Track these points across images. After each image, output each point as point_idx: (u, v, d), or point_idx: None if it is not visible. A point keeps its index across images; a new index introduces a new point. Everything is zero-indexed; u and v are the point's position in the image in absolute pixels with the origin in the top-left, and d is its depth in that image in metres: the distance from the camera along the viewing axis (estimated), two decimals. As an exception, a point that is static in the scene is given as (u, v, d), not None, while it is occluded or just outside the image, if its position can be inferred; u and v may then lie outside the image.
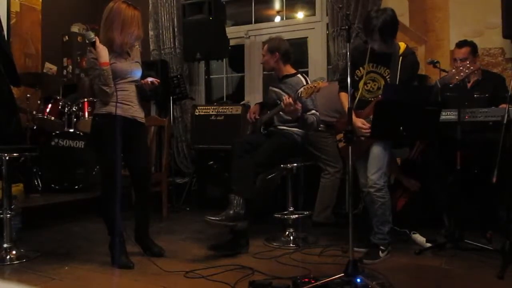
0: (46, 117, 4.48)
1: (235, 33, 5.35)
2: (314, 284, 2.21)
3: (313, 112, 3.26)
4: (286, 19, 5.29)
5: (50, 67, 5.51)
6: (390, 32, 2.74)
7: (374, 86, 2.93)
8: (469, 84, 3.47)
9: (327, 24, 4.61)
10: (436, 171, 3.39)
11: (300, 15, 5.33)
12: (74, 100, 4.78)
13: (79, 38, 5.66)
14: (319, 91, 3.00)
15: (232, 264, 2.69)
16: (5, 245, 2.89)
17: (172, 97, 5.00)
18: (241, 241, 3.03)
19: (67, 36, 5.62)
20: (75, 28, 5.69)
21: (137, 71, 2.87)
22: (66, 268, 2.72)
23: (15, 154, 3.04)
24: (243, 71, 5.42)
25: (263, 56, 3.49)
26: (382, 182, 2.83)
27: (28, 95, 4.54)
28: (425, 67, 3.97)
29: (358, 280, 2.15)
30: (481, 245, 2.89)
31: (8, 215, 2.94)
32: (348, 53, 2.36)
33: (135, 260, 2.75)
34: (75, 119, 4.53)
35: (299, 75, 3.39)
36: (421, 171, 3.57)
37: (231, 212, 2.90)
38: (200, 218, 3.91)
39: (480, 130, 3.12)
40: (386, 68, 2.87)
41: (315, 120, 3.26)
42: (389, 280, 2.36)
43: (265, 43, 3.51)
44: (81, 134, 4.49)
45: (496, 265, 2.55)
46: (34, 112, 4.49)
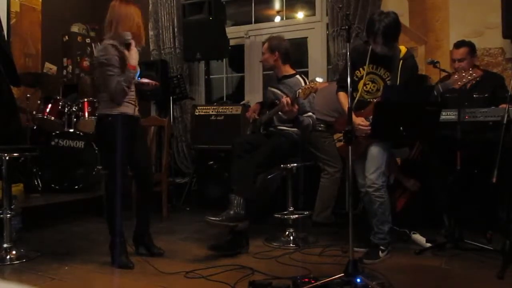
0: (46, 117, 4.48)
1: (235, 33, 5.34)
2: (314, 284, 2.21)
3: (309, 114, 3.27)
4: (286, 19, 5.28)
5: (50, 67, 5.51)
6: (392, 35, 2.76)
7: (374, 87, 2.93)
8: (468, 85, 3.46)
9: (327, 24, 4.61)
10: (436, 171, 3.39)
11: (300, 15, 5.33)
12: (75, 100, 4.79)
13: (79, 38, 5.66)
14: (317, 91, 3.01)
15: (232, 264, 2.69)
16: (5, 245, 2.89)
17: (172, 97, 5.01)
18: (241, 241, 3.03)
19: (67, 36, 5.62)
20: (75, 28, 5.69)
21: (139, 70, 2.88)
22: (66, 268, 2.72)
23: (15, 154, 3.04)
24: (243, 71, 5.41)
25: (262, 54, 3.49)
26: (380, 181, 2.83)
27: (28, 95, 4.54)
28: (425, 67, 3.97)
29: (358, 280, 2.15)
30: (481, 245, 2.89)
31: (8, 215, 2.94)
32: (348, 53, 2.36)
33: (135, 260, 2.75)
34: (75, 119, 4.54)
35: (297, 76, 3.38)
36: (421, 171, 3.57)
37: (232, 212, 2.90)
38: (200, 218, 3.91)
39: (480, 130, 3.12)
40: (386, 70, 2.88)
41: (311, 122, 3.27)
42: (389, 280, 2.36)
43: (265, 41, 3.51)
44: (81, 134, 4.49)
45: (496, 265, 2.54)
46: (34, 112, 4.50)
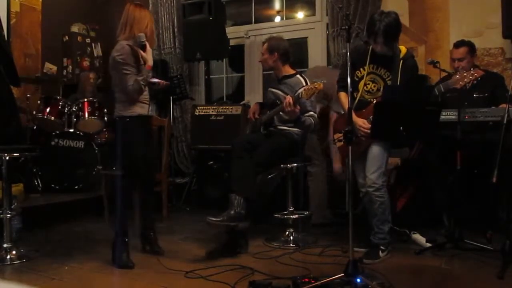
0: (46, 117, 4.47)
1: (235, 33, 5.34)
2: (314, 284, 2.21)
3: (311, 113, 3.27)
4: (286, 19, 5.28)
5: (50, 67, 5.51)
6: (393, 35, 2.76)
7: (374, 87, 2.94)
8: (469, 84, 3.46)
9: (327, 24, 4.61)
10: (436, 171, 3.39)
11: (300, 15, 5.32)
12: (75, 100, 4.79)
13: (79, 38, 5.66)
14: (319, 92, 3.02)
15: (232, 264, 2.69)
16: (5, 245, 2.89)
17: (172, 97, 5.00)
18: (240, 241, 3.03)
19: (67, 36, 5.62)
20: (75, 28, 5.69)
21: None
22: (66, 268, 2.72)
23: (15, 154, 3.04)
24: (243, 71, 5.41)
25: (262, 54, 3.49)
26: (380, 181, 2.83)
27: (28, 95, 4.54)
28: (425, 67, 3.97)
29: (358, 280, 2.15)
30: (481, 245, 2.89)
31: (8, 215, 2.94)
32: (348, 53, 2.36)
33: (135, 260, 2.75)
34: (75, 119, 4.53)
35: (298, 76, 3.39)
36: (421, 171, 3.57)
37: (232, 212, 2.90)
38: (200, 218, 3.91)
39: (480, 130, 3.12)
40: (386, 71, 2.89)
41: (313, 122, 3.28)
42: (389, 280, 2.36)
43: (264, 42, 3.51)
44: (81, 134, 4.49)
45: (496, 265, 2.55)
46: (34, 112, 4.50)
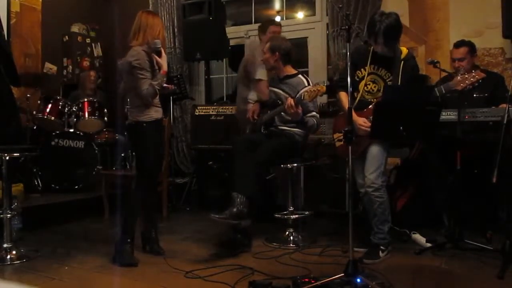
0: (46, 117, 4.47)
1: (235, 33, 5.34)
2: (314, 284, 2.21)
3: (313, 114, 3.28)
4: (286, 19, 5.28)
5: (50, 67, 5.51)
6: (394, 36, 2.77)
7: (374, 88, 2.94)
8: (470, 86, 3.46)
9: (327, 24, 4.61)
10: (436, 171, 3.39)
11: (300, 15, 5.33)
12: (76, 99, 4.80)
13: (79, 38, 5.66)
14: (322, 95, 3.03)
15: (232, 264, 2.69)
16: (5, 245, 2.89)
17: (172, 97, 5.00)
18: (244, 240, 3.03)
19: (67, 36, 5.62)
20: (75, 28, 5.69)
21: None
22: (66, 268, 2.72)
23: (15, 154, 3.04)
24: (243, 71, 5.41)
25: (263, 53, 3.49)
26: (380, 181, 2.83)
27: (28, 95, 4.54)
28: (425, 67, 3.97)
29: (358, 280, 2.15)
30: (481, 245, 2.89)
31: (8, 215, 2.94)
32: (348, 53, 2.37)
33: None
34: (75, 119, 4.53)
35: (300, 76, 3.39)
36: (421, 171, 3.57)
37: (235, 210, 2.89)
38: (200, 218, 3.92)
39: (480, 130, 3.12)
40: (387, 71, 2.89)
41: (315, 122, 3.29)
42: (389, 280, 2.36)
43: (267, 41, 3.51)
44: (81, 134, 4.50)
45: (496, 265, 2.55)
46: (34, 112, 4.49)
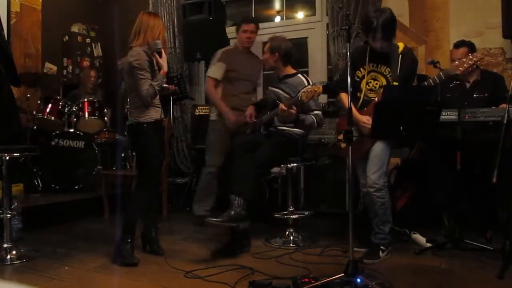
0: (46, 117, 4.47)
1: (235, 33, 5.33)
2: (314, 284, 2.21)
3: (315, 113, 3.28)
4: (286, 19, 5.28)
5: (50, 67, 5.51)
6: (391, 30, 2.80)
7: (376, 85, 2.95)
8: (468, 84, 3.47)
9: (327, 24, 4.61)
10: (436, 171, 3.39)
11: (300, 15, 5.33)
12: (75, 97, 4.80)
13: (79, 38, 5.67)
14: (319, 95, 3.03)
15: (232, 264, 2.69)
16: (5, 245, 2.89)
17: (172, 97, 4.99)
18: (242, 241, 3.03)
19: (67, 36, 5.63)
20: (75, 28, 5.69)
21: None
22: (66, 268, 2.72)
23: (15, 154, 3.04)
24: (243, 71, 5.40)
25: (263, 53, 3.49)
26: (381, 182, 2.83)
27: (28, 95, 4.54)
28: (425, 67, 3.97)
29: (358, 280, 2.15)
30: (481, 245, 2.89)
31: (8, 215, 2.94)
32: (348, 53, 2.37)
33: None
34: (75, 119, 4.54)
35: (299, 75, 3.39)
36: (421, 171, 3.57)
37: (233, 212, 2.90)
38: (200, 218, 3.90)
39: (480, 130, 3.12)
40: (386, 67, 2.91)
41: (315, 120, 3.27)
42: (389, 280, 2.36)
43: (268, 41, 3.51)
44: (81, 134, 4.50)
45: (496, 265, 2.55)
46: (34, 112, 4.49)
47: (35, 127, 4.57)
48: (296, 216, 3.35)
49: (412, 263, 2.79)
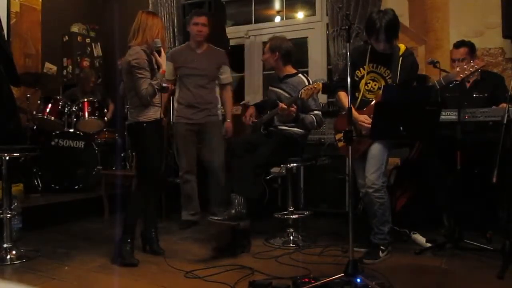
0: (46, 117, 4.48)
1: (235, 33, 5.34)
2: (314, 284, 2.21)
3: (315, 112, 3.28)
4: (286, 19, 5.29)
5: (50, 67, 5.51)
6: (394, 31, 2.79)
7: (375, 86, 2.94)
8: (468, 84, 3.48)
9: (327, 24, 4.62)
10: (436, 171, 3.39)
11: (300, 15, 5.33)
12: (71, 96, 4.79)
13: (79, 38, 5.67)
14: (319, 92, 3.03)
15: (232, 264, 2.69)
16: (5, 245, 2.88)
17: (172, 97, 4.99)
18: (243, 240, 3.03)
19: (67, 36, 5.63)
20: (75, 28, 5.70)
21: None
22: (66, 268, 2.72)
23: (15, 154, 3.04)
24: (243, 71, 5.41)
25: (263, 53, 3.49)
26: (380, 182, 2.82)
27: (28, 95, 4.54)
28: (425, 67, 3.97)
29: (358, 280, 2.14)
30: (481, 245, 2.89)
31: (8, 215, 2.94)
32: (348, 53, 2.37)
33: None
34: (75, 119, 4.54)
35: (300, 75, 3.39)
36: (421, 171, 3.57)
37: (233, 211, 2.90)
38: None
39: (480, 130, 3.12)
40: (386, 69, 2.89)
41: (315, 119, 3.27)
42: (389, 280, 2.35)
43: (268, 41, 3.52)
44: (81, 134, 4.50)
45: (496, 265, 2.54)
46: (34, 112, 4.50)
47: (35, 127, 4.57)
48: (296, 216, 3.35)
49: (412, 263, 2.79)
